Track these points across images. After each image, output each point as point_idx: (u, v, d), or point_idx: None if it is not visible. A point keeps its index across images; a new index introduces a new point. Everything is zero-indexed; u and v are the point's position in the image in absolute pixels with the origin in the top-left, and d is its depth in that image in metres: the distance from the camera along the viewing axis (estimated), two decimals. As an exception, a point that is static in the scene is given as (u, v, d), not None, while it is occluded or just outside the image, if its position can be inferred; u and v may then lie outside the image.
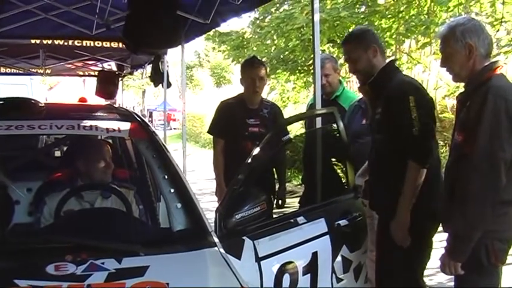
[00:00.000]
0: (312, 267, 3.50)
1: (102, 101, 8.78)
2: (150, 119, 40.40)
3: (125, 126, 3.56)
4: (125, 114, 3.86)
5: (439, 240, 3.30)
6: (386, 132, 3.67)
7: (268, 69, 7.05)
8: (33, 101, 3.67)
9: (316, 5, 4.49)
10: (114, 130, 3.54)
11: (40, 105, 3.62)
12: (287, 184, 6.00)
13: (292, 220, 3.59)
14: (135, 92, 49.11)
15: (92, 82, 12.45)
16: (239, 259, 3.08)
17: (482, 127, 2.93)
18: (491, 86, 3.01)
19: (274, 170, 5.35)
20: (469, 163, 2.99)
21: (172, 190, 3.14)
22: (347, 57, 3.98)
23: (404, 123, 3.49)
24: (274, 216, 4.37)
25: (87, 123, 3.43)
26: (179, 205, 3.05)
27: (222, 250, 2.80)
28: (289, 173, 11.93)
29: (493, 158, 2.92)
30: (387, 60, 3.92)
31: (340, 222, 3.71)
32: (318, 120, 4.41)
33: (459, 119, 3.21)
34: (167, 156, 3.38)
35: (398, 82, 3.70)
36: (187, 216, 3.01)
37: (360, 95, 4.73)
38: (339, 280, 3.78)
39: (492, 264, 3.08)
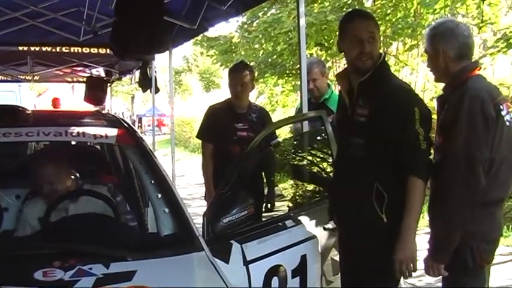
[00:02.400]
0: (301, 270, 3.49)
1: (91, 107, 8.78)
2: (139, 124, 40.35)
3: (112, 132, 3.57)
4: (112, 121, 3.86)
5: (427, 241, 3.28)
6: (372, 138, 3.21)
7: (256, 74, 7.06)
8: (20, 108, 3.67)
9: (302, 10, 4.51)
10: (101, 136, 3.55)
11: (27, 112, 3.62)
12: (276, 188, 6.00)
13: (280, 223, 3.59)
14: (124, 97, 48.98)
15: (81, 88, 12.44)
16: (227, 263, 3.07)
17: (458, 128, 2.96)
18: (468, 87, 3.05)
19: (263, 174, 5.36)
20: (447, 164, 3.02)
21: (159, 195, 3.15)
22: (370, 33, 3.19)
23: (409, 136, 3.09)
24: (263, 220, 4.37)
25: (75, 129, 3.44)
26: (166, 210, 3.06)
27: (209, 254, 2.81)
28: (278, 177, 11.90)
29: (470, 159, 2.93)
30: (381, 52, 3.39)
31: (329, 225, 3.69)
32: (305, 124, 4.44)
33: (439, 121, 3.23)
34: (154, 162, 3.38)
35: (399, 87, 3.26)
36: (174, 221, 3.01)
37: None
38: (328, 283, 3.79)
39: (478, 265, 3.08)
